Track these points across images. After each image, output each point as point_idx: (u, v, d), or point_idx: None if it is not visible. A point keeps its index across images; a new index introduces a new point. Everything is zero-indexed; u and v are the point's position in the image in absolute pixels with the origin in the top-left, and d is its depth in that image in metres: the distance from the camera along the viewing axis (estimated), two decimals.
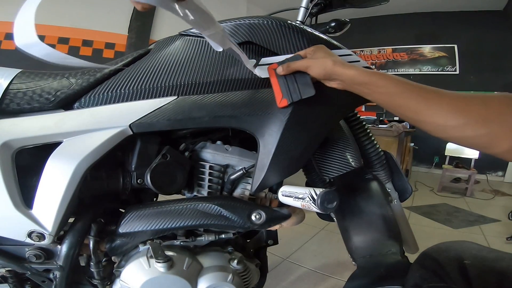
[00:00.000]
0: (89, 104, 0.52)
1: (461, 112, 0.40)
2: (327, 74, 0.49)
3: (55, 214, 0.51)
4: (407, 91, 0.44)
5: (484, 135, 0.38)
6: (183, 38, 0.60)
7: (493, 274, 0.46)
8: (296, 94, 0.52)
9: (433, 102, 0.42)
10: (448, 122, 0.40)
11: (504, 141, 0.37)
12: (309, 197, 0.50)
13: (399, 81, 0.46)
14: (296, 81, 0.52)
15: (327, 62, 0.49)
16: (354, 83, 0.48)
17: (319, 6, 0.83)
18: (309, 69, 0.50)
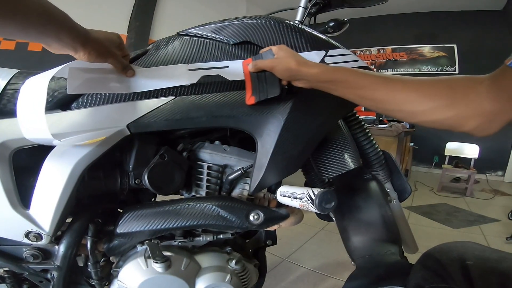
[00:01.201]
0: (86, 104, 0.52)
1: (427, 97, 0.42)
2: (291, 74, 0.50)
3: (52, 214, 0.51)
4: (372, 83, 0.45)
5: (452, 117, 0.40)
6: (181, 38, 0.60)
7: (496, 275, 0.45)
8: (263, 93, 0.52)
9: (400, 91, 0.43)
10: (416, 108, 0.42)
11: (471, 120, 0.39)
12: (307, 197, 0.50)
13: (363, 74, 0.47)
14: (265, 80, 0.52)
15: (290, 62, 0.49)
16: (319, 81, 0.48)
17: (318, 6, 0.83)
18: (274, 69, 0.51)
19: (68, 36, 0.42)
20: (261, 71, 0.53)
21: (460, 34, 4.33)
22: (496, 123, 0.39)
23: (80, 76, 0.49)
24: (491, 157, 3.98)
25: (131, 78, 0.53)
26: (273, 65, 0.51)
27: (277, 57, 0.51)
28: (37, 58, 2.59)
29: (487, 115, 0.38)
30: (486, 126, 0.39)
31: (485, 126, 0.39)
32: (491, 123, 0.39)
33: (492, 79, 0.39)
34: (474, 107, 0.39)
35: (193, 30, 0.60)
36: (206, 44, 0.58)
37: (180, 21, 3.33)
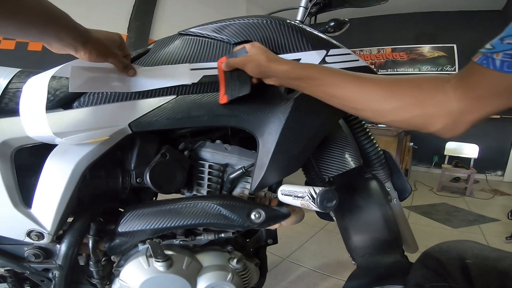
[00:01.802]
0: (88, 103, 0.52)
1: (395, 96, 0.41)
2: (262, 71, 0.49)
3: (54, 213, 0.51)
4: (341, 81, 0.45)
5: (419, 116, 0.40)
6: (182, 38, 0.60)
7: (495, 274, 0.45)
8: (235, 91, 0.52)
9: (368, 89, 0.43)
10: (384, 107, 0.42)
11: (438, 120, 0.39)
12: (309, 196, 0.50)
13: (333, 72, 0.47)
14: (237, 78, 0.53)
15: (261, 59, 0.49)
16: (289, 78, 0.48)
17: (318, 5, 0.83)
18: (245, 67, 0.51)
19: (69, 36, 0.42)
20: (234, 70, 0.53)
21: (460, 34, 4.33)
22: (463, 124, 0.38)
23: (82, 74, 0.50)
24: (490, 157, 3.99)
25: (133, 77, 0.53)
26: (244, 62, 0.51)
27: (249, 55, 0.51)
28: (37, 58, 2.59)
29: (453, 114, 0.38)
30: (453, 127, 0.39)
31: (452, 127, 0.39)
32: (458, 123, 0.38)
33: (458, 77, 0.38)
34: (440, 106, 0.39)
35: (194, 29, 0.60)
36: (207, 44, 0.58)
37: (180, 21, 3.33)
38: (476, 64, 0.35)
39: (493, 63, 0.33)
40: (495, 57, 0.33)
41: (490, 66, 0.34)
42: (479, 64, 0.35)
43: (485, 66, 0.34)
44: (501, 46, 0.33)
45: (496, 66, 0.33)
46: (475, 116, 0.37)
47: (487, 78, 0.35)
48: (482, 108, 0.37)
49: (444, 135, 0.41)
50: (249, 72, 0.51)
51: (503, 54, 0.33)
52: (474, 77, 0.36)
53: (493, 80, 0.34)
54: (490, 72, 0.34)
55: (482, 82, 0.35)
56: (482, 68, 0.34)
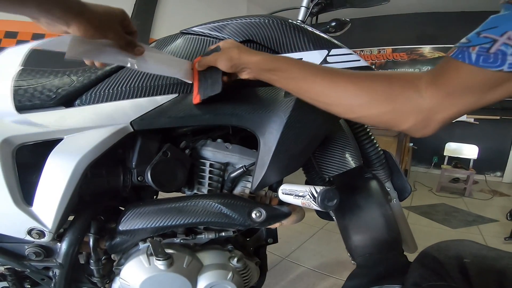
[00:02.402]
0: (90, 101, 0.52)
1: (365, 91, 0.41)
2: (234, 64, 0.48)
3: (55, 211, 0.51)
4: (312, 75, 0.44)
5: (389, 112, 0.39)
6: (184, 37, 0.60)
7: (493, 273, 0.46)
8: (207, 91, 0.52)
9: (338, 83, 0.43)
10: (353, 101, 0.42)
11: (408, 117, 0.38)
12: (310, 195, 0.50)
13: (305, 65, 0.46)
14: (209, 78, 0.52)
15: (232, 52, 0.48)
16: (261, 69, 0.48)
17: (320, 5, 0.84)
18: (217, 62, 0.49)
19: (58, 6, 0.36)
20: (207, 69, 0.52)
21: (461, 35, 4.26)
22: (434, 122, 0.37)
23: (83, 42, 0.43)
24: (490, 158, 3.99)
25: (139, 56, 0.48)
26: (215, 58, 0.49)
27: (221, 50, 0.50)
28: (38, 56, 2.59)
29: (424, 112, 0.37)
30: (423, 125, 0.38)
31: (423, 125, 0.38)
32: (429, 121, 0.37)
33: (431, 74, 0.37)
34: (411, 103, 0.38)
35: (196, 28, 0.60)
36: (209, 43, 0.59)
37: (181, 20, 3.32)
38: (451, 58, 0.34)
39: (469, 57, 0.33)
40: (471, 51, 0.32)
41: (466, 60, 0.33)
42: (453, 58, 0.34)
43: (460, 60, 0.33)
44: (477, 40, 0.32)
45: (472, 60, 0.32)
46: (446, 114, 0.36)
47: (461, 73, 0.34)
48: (453, 106, 0.36)
49: (414, 133, 0.40)
50: (221, 67, 0.49)
51: (479, 48, 0.32)
52: (448, 72, 0.35)
53: (467, 75, 0.33)
54: (465, 67, 0.33)
55: (456, 77, 0.34)
56: (456, 62, 0.34)
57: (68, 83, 0.53)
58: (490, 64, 0.31)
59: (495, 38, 0.31)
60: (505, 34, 0.30)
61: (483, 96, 0.34)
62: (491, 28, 0.32)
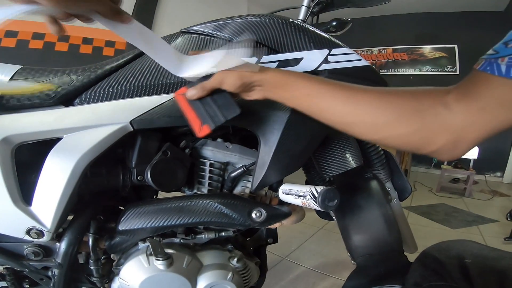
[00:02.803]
0: (89, 100, 0.52)
1: (390, 107, 0.37)
2: (244, 83, 0.43)
3: (54, 210, 0.51)
4: (329, 91, 0.40)
5: (418, 131, 0.36)
6: (184, 36, 0.60)
7: (494, 273, 0.45)
8: (218, 117, 0.44)
9: (359, 100, 0.39)
10: (379, 119, 0.38)
11: (439, 136, 0.35)
12: (310, 195, 0.50)
13: (320, 80, 0.42)
14: (215, 103, 0.45)
15: (242, 70, 0.43)
16: (275, 86, 0.43)
17: (321, 5, 0.83)
18: (224, 82, 0.43)
19: None
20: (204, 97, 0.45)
21: (461, 35, 4.33)
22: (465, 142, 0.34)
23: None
24: (490, 158, 3.99)
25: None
26: (222, 77, 0.43)
27: (226, 69, 0.44)
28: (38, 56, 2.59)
29: (455, 130, 0.34)
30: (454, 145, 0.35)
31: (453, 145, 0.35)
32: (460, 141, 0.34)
33: (460, 88, 0.35)
34: (441, 120, 0.34)
35: (197, 27, 0.60)
36: (209, 42, 0.58)
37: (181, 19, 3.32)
38: (479, 71, 0.32)
39: (498, 68, 0.31)
40: (500, 62, 0.31)
41: (495, 72, 0.31)
42: (482, 71, 0.32)
43: (489, 72, 0.31)
44: (506, 51, 0.31)
45: (502, 72, 0.30)
46: (480, 132, 0.33)
47: (492, 86, 0.31)
48: (487, 122, 0.32)
49: (443, 155, 0.36)
50: (228, 87, 0.44)
51: (509, 59, 0.30)
52: (477, 86, 0.32)
53: (499, 88, 0.31)
54: (496, 79, 0.31)
55: (487, 91, 0.31)
56: (486, 75, 0.31)
57: (68, 82, 0.53)
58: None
59: None
60: None
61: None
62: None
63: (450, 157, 0.37)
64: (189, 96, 0.45)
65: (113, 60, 0.58)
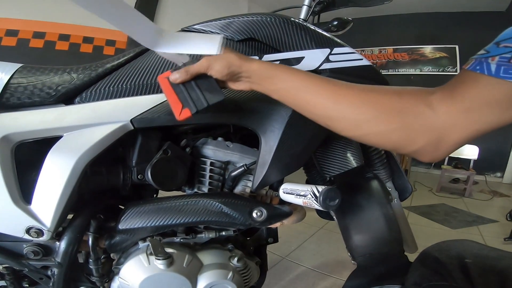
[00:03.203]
0: (90, 99, 0.52)
1: (373, 104, 0.37)
2: (232, 71, 0.43)
3: (54, 209, 0.51)
4: (314, 85, 0.41)
5: (398, 129, 0.36)
6: None
7: (495, 273, 0.45)
8: (200, 102, 0.44)
9: (342, 95, 0.39)
10: (359, 116, 0.38)
11: (419, 135, 0.35)
12: (311, 194, 0.50)
13: (307, 75, 0.43)
14: (198, 87, 0.45)
15: (231, 56, 0.43)
16: (261, 78, 0.43)
17: (322, 4, 0.83)
18: (211, 68, 0.43)
19: None
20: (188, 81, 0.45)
21: (462, 35, 4.33)
22: (447, 143, 0.34)
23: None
24: (490, 159, 3.99)
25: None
26: (209, 63, 0.43)
27: (217, 54, 0.44)
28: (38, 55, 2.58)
29: (437, 130, 0.34)
30: (435, 146, 0.35)
31: (434, 146, 0.35)
32: (442, 142, 0.34)
33: (445, 88, 0.34)
34: (423, 119, 0.34)
35: (198, 26, 0.60)
36: None
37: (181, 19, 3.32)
38: (468, 71, 0.32)
39: (488, 68, 0.30)
40: (490, 61, 0.30)
41: (485, 71, 0.30)
42: (471, 70, 0.31)
43: (479, 71, 0.31)
44: (497, 50, 0.30)
45: (491, 71, 0.30)
46: (463, 134, 0.33)
47: (480, 86, 0.31)
48: (471, 124, 0.32)
49: (424, 156, 0.36)
50: (215, 73, 0.44)
51: (499, 58, 0.30)
52: (465, 86, 0.32)
53: (486, 88, 0.31)
54: (484, 79, 0.31)
55: (474, 90, 0.31)
56: (474, 74, 0.31)
57: (68, 80, 0.53)
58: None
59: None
60: None
61: (504, 112, 0.31)
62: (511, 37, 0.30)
63: (431, 158, 0.37)
64: (172, 80, 0.45)
65: (114, 58, 0.58)
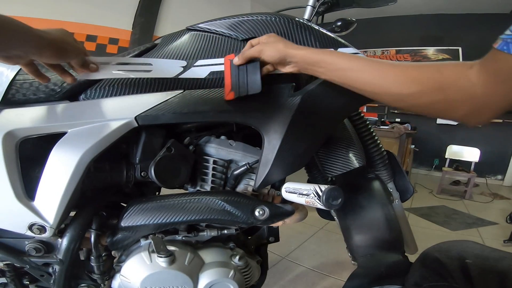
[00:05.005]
0: (94, 96, 0.52)
1: (415, 80, 0.41)
2: (280, 56, 0.49)
3: (57, 206, 0.51)
4: (359, 65, 0.45)
5: (440, 101, 0.39)
6: (190, 33, 0.60)
7: (495, 274, 0.46)
8: (243, 89, 0.52)
9: (386, 73, 0.43)
10: (404, 91, 0.41)
11: (461, 105, 0.38)
12: (314, 194, 0.50)
13: (350, 56, 0.47)
14: (246, 75, 0.52)
15: (279, 44, 0.49)
16: (307, 62, 0.48)
17: (326, 5, 0.83)
18: (263, 53, 0.50)
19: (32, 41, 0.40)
20: (243, 65, 0.52)
21: (465, 37, 4.31)
22: (488, 110, 0.37)
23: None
24: (491, 161, 3.99)
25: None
26: (261, 48, 0.50)
27: (266, 42, 0.51)
28: None
29: (478, 99, 0.37)
30: (478, 113, 0.38)
31: (477, 113, 0.38)
32: (483, 109, 0.37)
33: (482, 63, 0.37)
34: (464, 91, 0.38)
35: (203, 25, 0.60)
36: (215, 40, 0.58)
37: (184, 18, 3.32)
38: (497, 50, 0.34)
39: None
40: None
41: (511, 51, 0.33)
42: (499, 50, 0.34)
43: (506, 51, 0.33)
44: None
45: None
46: (501, 102, 0.36)
47: (509, 63, 0.34)
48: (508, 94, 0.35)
49: (468, 122, 0.40)
50: (266, 58, 0.50)
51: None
52: (496, 63, 0.35)
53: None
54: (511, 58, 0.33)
55: (505, 67, 0.34)
56: (503, 54, 0.34)
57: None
58: None
59: None
60: None
61: None
62: None
63: (474, 123, 0.40)
64: (234, 62, 0.53)
65: (119, 55, 0.58)
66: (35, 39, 0.40)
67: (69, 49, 0.45)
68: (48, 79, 0.50)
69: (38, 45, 0.41)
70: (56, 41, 0.43)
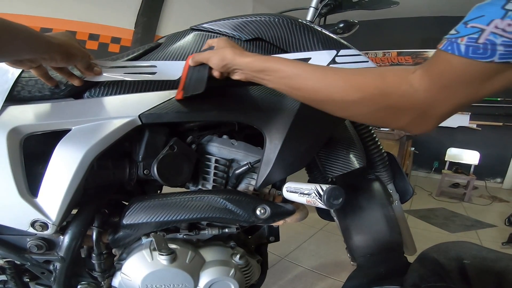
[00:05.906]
0: (99, 93, 0.53)
1: (357, 86, 0.39)
2: (226, 64, 0.48)
3: (60, 203, 0.51)
4: (304, 72, 0.43)
5: (383, 109, 0.38)
6: (194, 33, 0.61)
7: (492, 274, 0.46)
8: (189, 89, 0.51)
9: (329, 79, 0.41)
10: (346, 98, 0.40)
11: (404, 114, 0.37)
12: (315, 193, 0.50)
13: (296, 63, 0.45)
14: (195, 75, 0.51)
15: (226, 52, 0.48)
16: (253, 70, 0.47)
17: (329, 6, 0.84)
18: (210, 60, 0.49)
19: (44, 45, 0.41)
20: (196, 66, 0.52)
21: None
22: (432, 118, 0.36)
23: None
24: (491, 164, 3.99)
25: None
26: (209, 56, 0.49)
27: (215, 48, 0.50)
28: None
29: (420, 107, 0.35)
30: (421, 121, 0.37)
31: (420, 121, 0.37)
32: (426, 117, 0.36)
33: (424, 67, 0.36)
34: (406, 98, 0.36)
35: (207, 25, 0.60)
36: None
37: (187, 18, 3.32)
38: (441, 51, 0.33)
39: (458, 48, 0.31)
40: (460, 42, 0.31)
41: (455, 52, 0.31)
42: (443, 50, 0.33)
43: (450, 52, 0.32)
44: (465, 30, 0.31)
45: (461, 52, 0.31)
46: (445, 108, 0.35)
47: (453, 65, 0.32)
48: (451, 99, 0.34)
49: (412, 130, 0.38)
50: (214, 66, 0.49)
51: (468, 39, 0.31)
52: (440, 65, 0.34)
53: (459, 67, 0.32)
54: (455, 59, 0.32)
55: (449, 69, 0.33)
56: (446, 54, 0.32)
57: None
58: (480, 56, 0.30)
59: (482, 28, 0.30)
60: (491, 23, 0.29)
61: (480, 88, 0.32)
62: (477, 17, 0.31)
63: (419, 131, 0.39)
64: (190, 63, 0.52)
65: (123, 55, 0.59)
66: (45, 44, 0.42)
67: (75, 52, 0.47)
68: (56, 82, 0.51)
69: (49, 50, 0.42)
70: (64, 45, 0.44)
